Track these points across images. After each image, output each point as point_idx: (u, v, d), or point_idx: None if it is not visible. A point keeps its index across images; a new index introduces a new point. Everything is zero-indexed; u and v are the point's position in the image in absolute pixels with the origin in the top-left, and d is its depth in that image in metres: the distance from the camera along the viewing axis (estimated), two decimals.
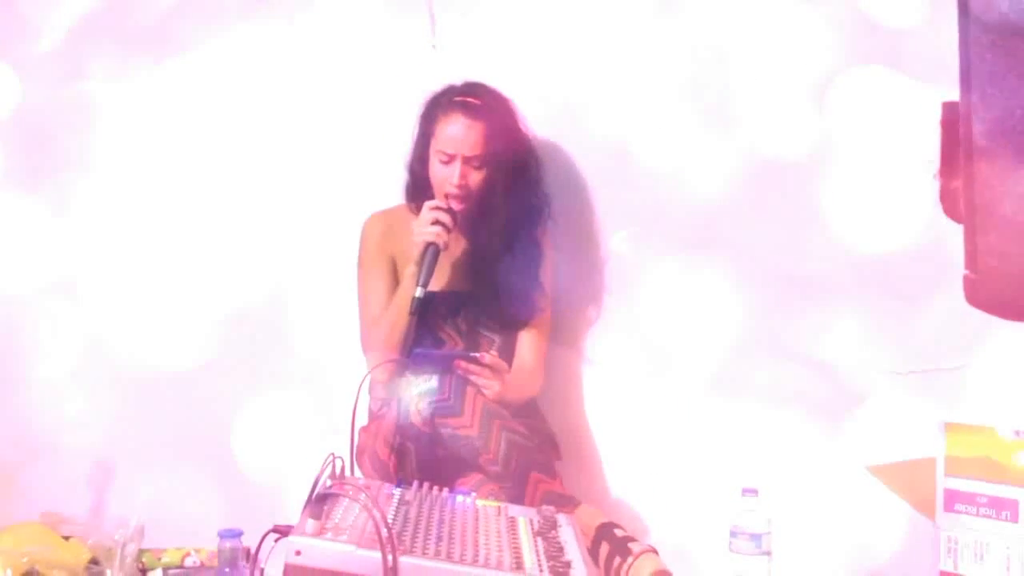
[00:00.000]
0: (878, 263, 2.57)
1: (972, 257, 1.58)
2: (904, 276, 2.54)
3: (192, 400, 2.84)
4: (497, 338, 2.63)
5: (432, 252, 2.52)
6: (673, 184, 2.69)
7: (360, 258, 2.68)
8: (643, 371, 2.71)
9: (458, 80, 2.61)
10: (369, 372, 2.38)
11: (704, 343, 2.68)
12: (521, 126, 2.63)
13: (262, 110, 2.86)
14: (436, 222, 2.52)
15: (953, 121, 1.87)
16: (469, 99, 2.56)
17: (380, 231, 2.68)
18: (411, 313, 2.50)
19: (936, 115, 2.33)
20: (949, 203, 2.16)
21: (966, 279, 1.62)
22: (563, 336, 2.74)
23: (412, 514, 1.96)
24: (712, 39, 2.67)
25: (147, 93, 2.89)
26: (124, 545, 2.40)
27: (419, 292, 2.49)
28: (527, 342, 2.65)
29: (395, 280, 2.64)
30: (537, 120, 2.69)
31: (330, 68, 2.84)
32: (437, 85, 2.62)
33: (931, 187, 2.34)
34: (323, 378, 2.80)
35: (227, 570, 2.41)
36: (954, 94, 2.33)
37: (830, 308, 2.60)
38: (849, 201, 2.58)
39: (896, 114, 2.54)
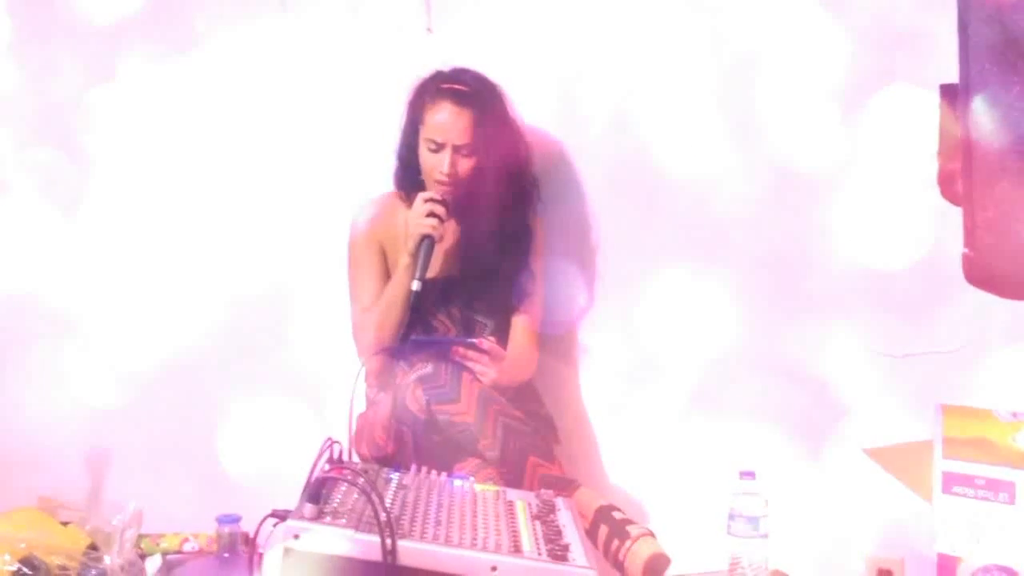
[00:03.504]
0: (894, 279, 2.56)
1: (970, 235, 1.57)
2: (918, 292, 2.54)
3: (191, 391, 2.84)
4: (490, 323, 2.62)
5: (428, 244, 2.51)
6: (669, 180, 2.69)
7: (349, 249, 2.67)
8: (641, 354, 2.71)
9: (446, 66, 2.59)
10: (364, 365, 2.38)
11: (702, 325, 2.68)
12: (510, 111, 2.61)
13: (257, 101, 2.84)
14: (431, 214, 2.51)
15: (952, 102, 1.87)
16: (456, 86, 2.54)
17: (368, 220, 2.66)
18: (409, 306, 2.49)
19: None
20: (947, 184, 2.15)
21: (964, 257, 1.61)
22: (556, 322, 2.74)
23: (410, 498, 1.96)
24: (723, 39, 2.65)
25: (137, 90, 2.87)
26: (123, 531, 2.40)
27: (416, 285, 2.49)
28: (520, 325, 2.64)
29: (385, 269, 2.63)
30: (532, 106, 2.68)
31: (325, 54, 2.82)
32: (428, 71, 2.60)
33: (930, 168, 2.35)
34: (322, 368, 2.80)
35: (226, 555, 2.42)
36: None
37: (828, 291, 2.60)
38: (872, 216, 2.57)
39: (916, 127, 2.52)
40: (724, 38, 2.63)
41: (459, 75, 2.58)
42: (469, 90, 2.54)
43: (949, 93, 1.92)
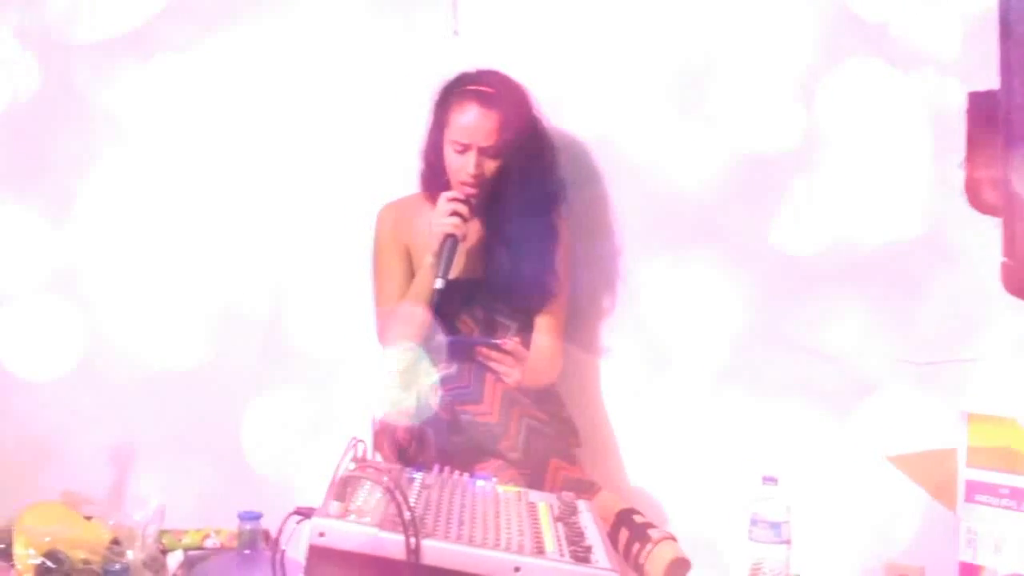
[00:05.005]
0: (882, 254, 2.56)
1: (1010, 244, 1.57)
2: (908, 266, 2.54)
3: (203, 394, 2.84)
4: (514, 324, 2.62)
5: (451, 243, 2.52)
6: (672, 179, 2.70)
7: (374, 249, 2.68)
8: (662, 360, 2.71)
9: (472, 68, 2.60)
10: (388, 364, 2.39)
11: (720, 333, 2.68)
12: (535, 112, 2.62)
13: (278, 99, 2.84)
14: (454, 213, 2.52)
15: (980, 110, 1.86)
16: (482, 88, 2.55)
17: (393, 221, 2.67)
18: (432, 305, 2.50)
19: (938, 109, 2.35)
20: (974, 193, 2.15)
21: (1004, 266, 1.61)
22: (578, 325, 2.74)
23: (433, 498, 1.96)
24: (705, 36, 2.67)
25: (148, 88, 2.87)
26: (145, 526, 2.41)
27: (439, 284, 2.49)
28: (543, 327, 2.64)
29: (410, 270, 2.64)
30: (556, 108, 2.69)
31: (349, 54, 2.83)
32: (454, 72, 2.60)
33: (956, 176, 2.34)
34: (334, 370, 2.80)
35: (247, 552, 2.42)
36: (940, 82, 2.36)
37: (842, 298, 2.60)
38: (849, 193, 2.58)
39: (882, 105, 2.54)
40: (713, 32, 2.68)
41: (485, 77, 2.59)
42: (494, 92, 2.55)
43: (979, 101, 1.91)
